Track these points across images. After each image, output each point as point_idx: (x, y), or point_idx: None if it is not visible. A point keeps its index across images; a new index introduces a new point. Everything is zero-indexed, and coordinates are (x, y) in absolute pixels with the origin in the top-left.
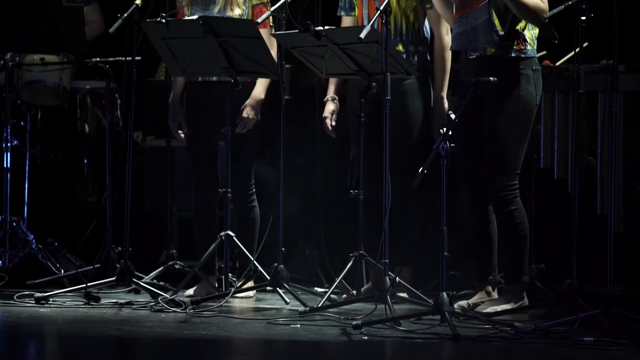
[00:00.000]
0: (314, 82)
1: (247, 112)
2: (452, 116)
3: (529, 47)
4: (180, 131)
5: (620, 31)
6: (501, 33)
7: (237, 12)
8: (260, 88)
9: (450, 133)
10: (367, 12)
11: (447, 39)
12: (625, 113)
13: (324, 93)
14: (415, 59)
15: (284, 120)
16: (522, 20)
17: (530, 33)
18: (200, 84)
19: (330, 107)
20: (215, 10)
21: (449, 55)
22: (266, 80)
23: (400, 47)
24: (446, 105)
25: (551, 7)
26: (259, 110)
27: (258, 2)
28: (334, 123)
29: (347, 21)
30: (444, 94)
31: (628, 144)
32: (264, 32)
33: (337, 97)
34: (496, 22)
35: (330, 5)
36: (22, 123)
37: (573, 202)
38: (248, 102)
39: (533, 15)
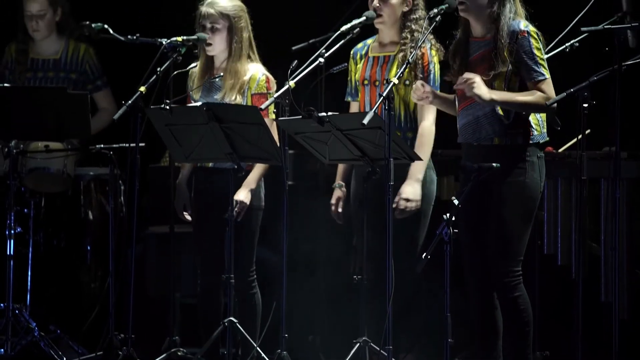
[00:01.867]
0: (317, 168)
1: (240, 196)
2: (455, 202)
3: (535, 132)
4: (185, 213)
5: (622, 118)
6: (507, 122)
7: (238, 99)
8: (252, 177)
9: (453, 219)
10: (369, 98)
11: (433, 127)
12: (629, 200)
13: (328, 179)
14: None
15: (287, 205)
16: None
17: (537, 117)
18: (206, 170)
19: (337, 193)
20: (217, 97)
21: (428, 141)
22: (262, 167)
23: (398, 134)
24: (417, 187)
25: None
26: (250, 195)
27: (257, 91)
28: (340, 210)
29: (354, 107)
30: (420, 176)
31: (631, 230)
32: (266, 118)
33: (344, 184)
34: (501, 111)
35: (332, 91)
36: (25, 210)
37: (577, 288)
38: (241, 188)
39: (535, 109)
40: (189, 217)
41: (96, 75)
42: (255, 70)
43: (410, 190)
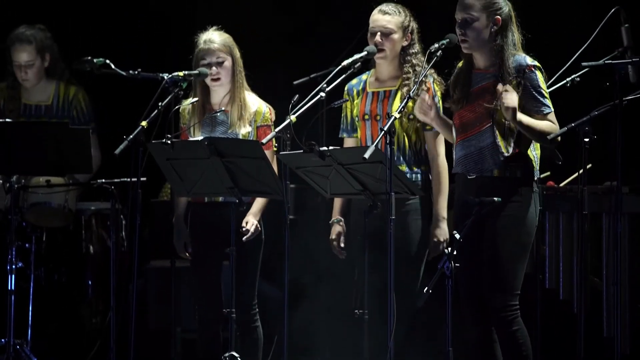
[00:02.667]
0: (319, 202)
1: (250, 220)
2: (457, 236)
3: (533, 168)
4: (186, 251)
5: (623, 153)
6: (507, 155)
7: (248, 129)
8: (256, 208)
9: (455, 253)
10: (370, 132)
11: (445, 161)
12: (630, 234)
13: (329, 213)
14: (419, 178)
15: (289, 239)
16: (526, 141)
17: (533, 154)
18: (204, 205)
19: (336, 229)
20: (224, 132)
21: (446, 176)
22: (265, 200)
23: (403, 167)
24: (444, 226)
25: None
26: (256, 222)
27: (262, 123)
28: (342, 245)
29: (349, 142)
30: (444, 214)
31: (633, 265)
32: (268, 152)
33: (342, 219)
34: (501, 143)
35: (334, 126)
36: (26, 245)
37: (579, 323)
38: (247, 216)
39: (543, 137)
40: (188, 256)
41: (82, 122)
42: (259, 103)
43: (441, 233)
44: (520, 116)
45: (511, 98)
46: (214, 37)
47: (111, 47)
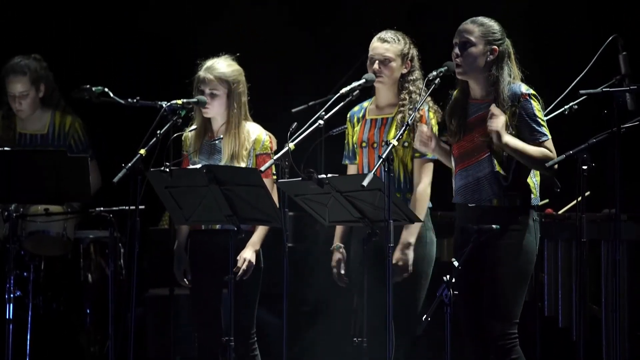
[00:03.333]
0: (317, 230)
1: (247, 255)
2: (455, 263)
3: (532, 196)
4: (185, 279)
5: (621, 181)
6: (505, 184)
7: (242, 164)
8: (256, 237)
9: (453, 280)
10: (367, 160)
11: (428, 191)
12: (629, 262)
13: (327, 240)
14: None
15: (287, 267)
16: (525, 169)
17: (533, 181)
18: (203, 232)
19: (337, 256)
20: (220, 161)
21: (424, 204)
22: (265, 229)
23: (398, 195)
24: (410, 253)
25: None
26: (255, 256)
27: (262, 152)
28: (343, 272)
29: (351, 169)
30: (412, 240)
31: (632, 292)
32: (267, 181)
33: (342, 246)
34: (500, 173)
35: (332, 153)
36: (25, 274)
37: (578, 351)
38: (246, 248)
39: (541, 164)
40: (188, 284)
41: (80, 149)
42: (258, 131)
43: (404, 258)
44: (508, 139)
45: (497, 121)
46: (214, 66)
47: (110, 74)
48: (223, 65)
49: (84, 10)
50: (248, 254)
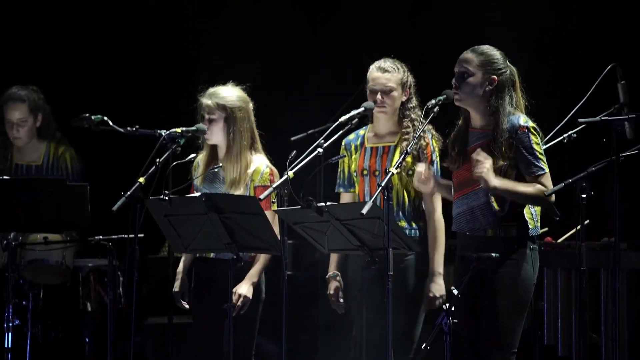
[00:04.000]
0: (317, 258)
1: (242, 290)
2: (455, 292)
3: (529, 226)
4: (183, 301)
5: (621, 209)
6: (500, 215)
7: (240, 192)
8: (255, 270)
9: (452, 309)
10: (369, 188)
11: (441, 218)
12: (628, 290)
13: (327, 268)
14: (417, 234)
15: (287, 295)
16: None
17: (531, 211)
18: (204, 260)
19: (334, 284)
20: (221, 189)
21: (442, 234)
22: (265, 261)
23: (402, 223)
24: (441, 282)
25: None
26: (252, 289)
27: (260, 184)
28: (341, 300)
29: (346, 197)
30: (440, 270)
31: (632, 321)
32: (267, 213)
33: (339, 274)
34: (494, 203)
35: (331, 182)
36: (24, 302)
37: None
38: (243, 281)
39: (535, 200)
40: (186, 305)
41: (73, 180)
42: (259, 163)
43: (437, 288)
44: (496, 183)
45: (481, 167)
46: (215, 92)
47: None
48: (224, 91)
49: (79, 33)
50: (243, 290)
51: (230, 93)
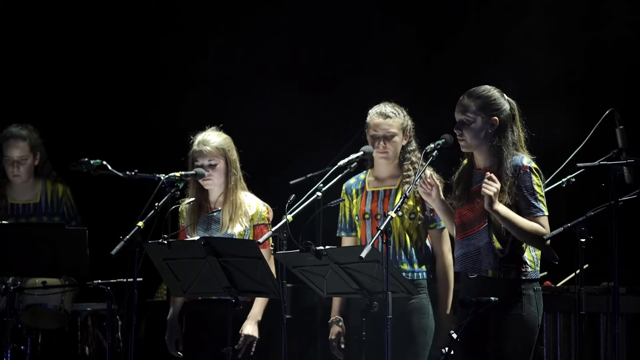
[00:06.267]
0: (316, 301)
1: (248, 330)
2: (454, 335)
3: (529, 269)
4: (177, 349)
5: (620, 253)
6: (501, 256)
7: (235, 231)
8: (257, 309)
9: (452, 352)
10: (371, 231)
11: (450, 257)
12: (628, 335)
13: (326, 312)
14: (423, 277)
15: (286, 339)
16: (523, 243)
17: (532, 255)
18: (200, 302)
19: (335, 329)
20: (218, 231)
21: (452, 273)
22: (265, 301)
23: (405, 266)
24: (450, 325)
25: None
26: (257, 328)
27: (259, 222)
28: (342, 346)
29: (347, 241)
30: (449, 311)
31: None
32: (264, 251)
33: (341, 319)
34: (496, 244)
35: (330, 225)
36: (22, 347)
37: None
38: (247, 321)
39: (531, 238)
40: (180, 354)
41: (72, 216)
42: (256, 203)
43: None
44: (499, 207)
45: (491, 186)
46: (208, 139)
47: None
48: (214, 136)
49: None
50: (249, 330)
51: (220, 137)
